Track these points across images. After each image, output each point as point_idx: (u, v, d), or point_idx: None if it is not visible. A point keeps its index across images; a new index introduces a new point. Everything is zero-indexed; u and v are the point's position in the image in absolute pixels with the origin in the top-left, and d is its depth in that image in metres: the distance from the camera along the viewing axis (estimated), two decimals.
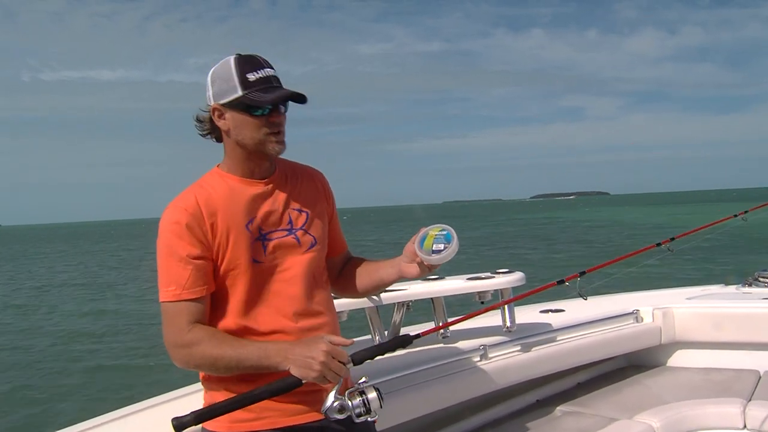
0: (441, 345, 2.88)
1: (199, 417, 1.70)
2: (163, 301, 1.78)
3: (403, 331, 2.92)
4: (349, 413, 1.73)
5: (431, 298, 2.90)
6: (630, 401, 3.24)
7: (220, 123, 1.83)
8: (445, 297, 2.92)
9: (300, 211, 1.92)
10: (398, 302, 2.82)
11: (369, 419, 1.74)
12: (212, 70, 1.83)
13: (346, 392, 1.73)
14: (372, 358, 1.83)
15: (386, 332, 2.87)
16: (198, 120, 1.89)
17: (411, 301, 2.86)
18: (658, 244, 3.17)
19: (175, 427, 1.67)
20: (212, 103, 1.82)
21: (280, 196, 1.89)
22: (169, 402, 2.25)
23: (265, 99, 1.77)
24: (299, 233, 1.90)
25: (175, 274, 1.75)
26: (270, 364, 1.73)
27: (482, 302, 2.94)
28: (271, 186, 1.89)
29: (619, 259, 2.82)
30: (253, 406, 1.75)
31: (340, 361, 1.71)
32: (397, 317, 2.88)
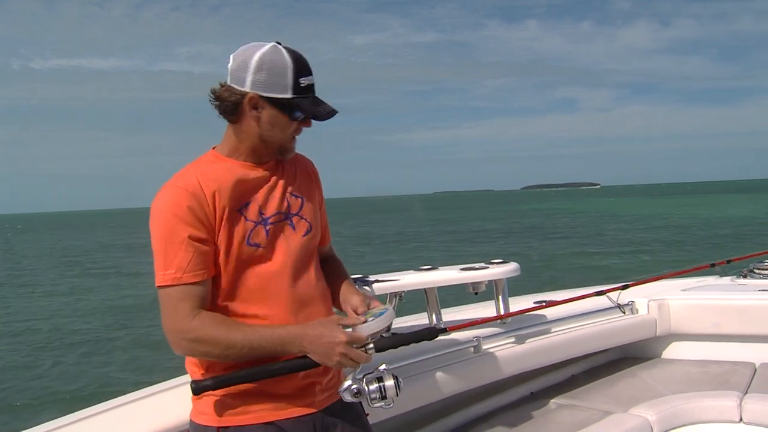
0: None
1: (219, 383, 1.69)
2: (161, 286, 1.68)
3: (395, 322, 2.87)
4: (364, 398, 1.72)
5: (424, 289, 2.84)
6: (625, 394, 3.20)
7: (251, 112, 1.74)
8: (439, 288, 2.87)
9: (296, 196, 1.89)
10: (390, 293, 2.76)
11: (384, 406, 1.74)
12: (260, 55, 1.71)
13: (364, 377, 1.73)
14: (395, 348, 1.82)
15: None
16: (218, 97, 1.77)
17: (403, 291, 2.80)
18: (713, 265, 3.14)
19: (193, 389, 1.69)
20: (249, 89, 1.72)
21: (279, 181, 1.85)
22: (158, 394, 2.20)
23: (320, 112, 1.76)
24: (295, 219, 1.86)
25: (175, 257, 1.67)
26: (285, 351, 1.70)
27: (476, 293, 2.89)
28: (270, 171, 1.84)
29: (672, 275, 2.82)
30: (242, 399, 1.73)
31: (360, 348, 1.70)
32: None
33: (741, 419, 2.91)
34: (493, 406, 3.12)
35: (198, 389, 1.69)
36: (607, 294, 2.46)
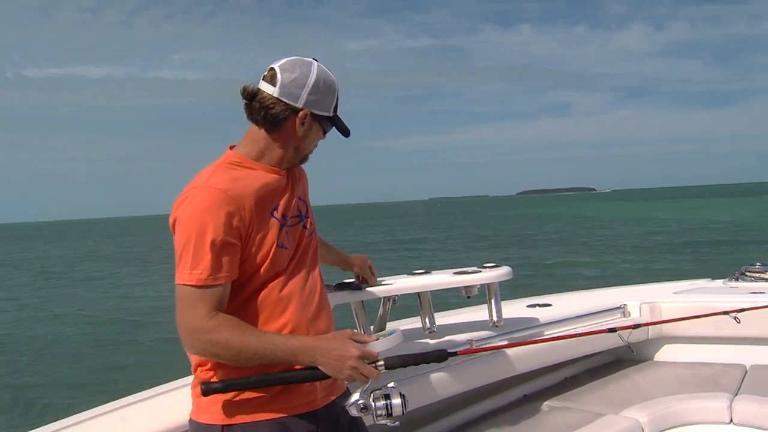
0: (427, 340, 2.85)
1: (228, 386, 1.73)
2: (184, 284, 1.69)
3: (389, 326, 2.89)
4: (370, 414, 1.74)
5: (418, 293, 2.86)
6: (617, 396, 3.23)
7: (298, 126, 1.84)
8: (432, 291, 2.89)
9: (303, 200, 1.98)
10: (384, 297, 2.79)
11: (389, 424, 1.76)
12: (315, 76, 1.84)
13: (372, 393, 1.75)
14: (405, 367, 1.84)
15: (372, 327, 2.84)
16: (267, 107, 1.82)
17: (397, 295, 2.82)
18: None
19: (203, 390, 1.72)
20: (303, 106, 1.83)
21: (293, 185, 1.94)
22: (157, 396, 2.22)
23: (347, 128, 1.95)
24: (306, 221, 1.95)
25: (203, 258, 1.68)
26: (296, 361, 1.73)
27: (468, 297, 2.91)
28: (286, 176, 1.92)
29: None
30: (245, 397, 1.76)
31: (371, 363, 1.74)
32: (383, 311, 2.85)
33: (731, 420, 2.94)
34: (487, 409, 3.14)
35: (207, 391, 1.72)
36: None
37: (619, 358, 3.83)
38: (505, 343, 2.99)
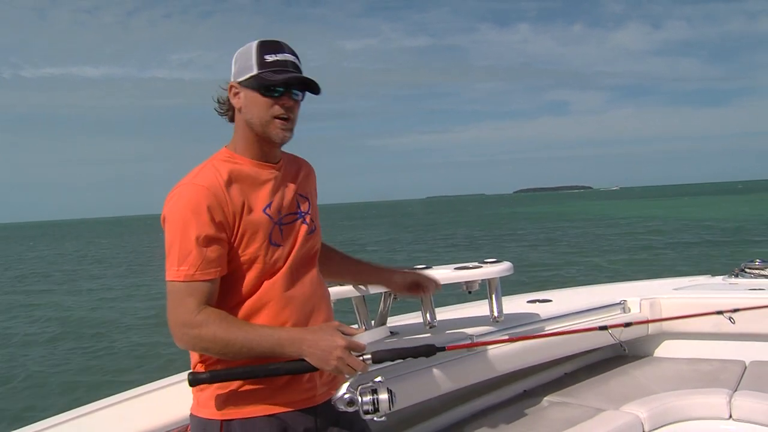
0: (428, 335, 2.85)
1: (214, 377, 1.73)
2: (172, 280, 1.72)
3: (390, 321, 2.89)
4: (357, 408, 1.74)
5: None
6: (617, 391, 3.24)
7: (234, 101, 1.85)
8: None
9: (304, 197, 1.96)
10: (385, 292, 2.79)
11: (375, 419, 1.76)
12: (237, 51, 1.86)
13: (359, 388, 1.75)
14: (392, 361, 1.85)
15: (372, 322, 2.84)
16: (218, 100, 1.90)
17: None
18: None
19: (190, 381, 1.73)
20: (231, 80, 1.84)
21: (290, 182, 1.93)
22: (157, 390, 2.22)
23: (275, 79, 1.77)
24: (306, 218, 1.94)
25: (190, 254, 1.70)
26: (283, 352, 1.73)
27: (469, 292, 2.91)
28: (281, 171, 1.91)
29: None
30: (245, 392, 1.77)
31: (357, 356, 1.73)
32: (383, 307, 2.85)
33: (731, 416, 2.95)
34: (487, 404, 3.14)
35: (195, 381, 1.73)
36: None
37: (618, 354, 3.84)
38: (496, 339, 2.99)
